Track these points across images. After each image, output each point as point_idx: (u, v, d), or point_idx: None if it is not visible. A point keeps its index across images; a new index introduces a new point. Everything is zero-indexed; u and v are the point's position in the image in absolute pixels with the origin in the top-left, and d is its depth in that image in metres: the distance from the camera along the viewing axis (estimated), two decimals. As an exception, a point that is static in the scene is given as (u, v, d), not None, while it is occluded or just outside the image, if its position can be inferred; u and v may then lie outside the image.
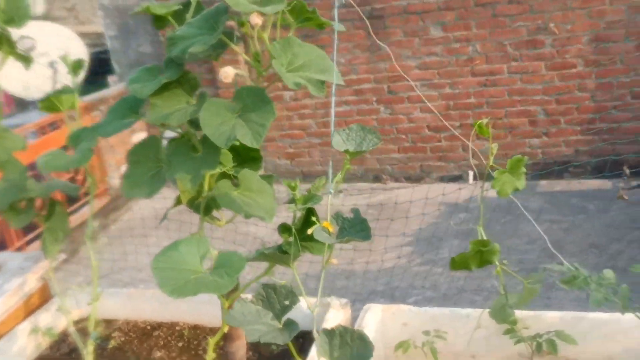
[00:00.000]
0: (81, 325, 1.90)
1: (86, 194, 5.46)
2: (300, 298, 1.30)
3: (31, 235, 4.70)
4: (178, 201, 1.65)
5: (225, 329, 1.41)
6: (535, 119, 5.37)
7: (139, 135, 6.23)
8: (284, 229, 1.35)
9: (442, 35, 5.36)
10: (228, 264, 1.20)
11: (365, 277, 4.35)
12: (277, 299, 1.22)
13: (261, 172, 1.57)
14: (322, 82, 1.33)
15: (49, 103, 1.61)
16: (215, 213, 1.62)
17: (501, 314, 1.55)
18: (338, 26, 1.45)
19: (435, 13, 5.28)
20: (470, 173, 5.64)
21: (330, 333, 1.13)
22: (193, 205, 1.65)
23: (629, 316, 1.48)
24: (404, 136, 5.81)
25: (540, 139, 5.43)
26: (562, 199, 5.04)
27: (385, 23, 5.39)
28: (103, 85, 7.69)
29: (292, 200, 1.30)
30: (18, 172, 1.62)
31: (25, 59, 1.69)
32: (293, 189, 1.28)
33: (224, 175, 1.54)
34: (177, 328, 1.98)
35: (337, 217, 1.26)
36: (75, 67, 1.62)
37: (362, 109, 5.80)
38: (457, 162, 5.74)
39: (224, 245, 4.64)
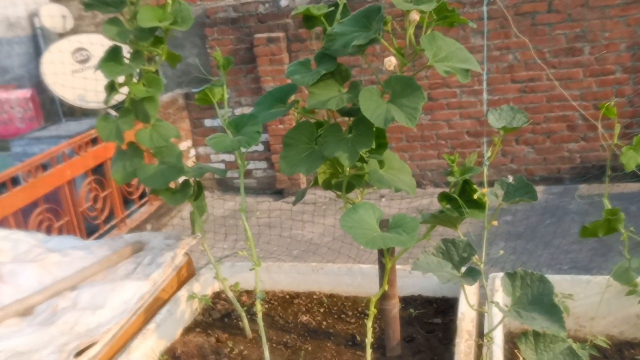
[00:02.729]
0: (224, 296, 2.10)
1: (141, 197, 5.68)
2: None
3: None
4: (315, 182, 1.85)
5: (386, 287, 1.60)
6: (573, 124, 5.56)
7: (185, 144, 6.46)
8: (443, 197, 1.55)
9: (482, 44, 5.56)
10: (403, 225, 1.40)
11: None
12: (455, 252, 1.42)
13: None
14: (467, 70, 1.53)
15: (204, 95, 1.81)
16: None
17: (624, 277, 1.74)
18: (471, 23, 1.65)
19: (475, 22, 5.49)
20: (510, 177, 5.81)
21: (512, 275, 1.32)
22: (328, 185, 1.85)
23: None
24: (443, 142, 6.00)
25: (578, 144, 5.61)
26: (602, 202, 5.21)
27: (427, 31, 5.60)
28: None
29: (450, 173, 1.50)
30: (175, 156, 1.83)
31: (176, 58, 1.90)
32: (452, 161, 1.48)
33: (359, 159, 1.74)
34: (315, 297, 2.16)
35: (502, 182, 1.45)
36: (225, 64, 1.83)
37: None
38: (497, 167, 5.93)
39: (277, 249, 4.85)
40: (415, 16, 1.49)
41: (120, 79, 1.85)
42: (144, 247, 2.05)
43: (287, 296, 2.18)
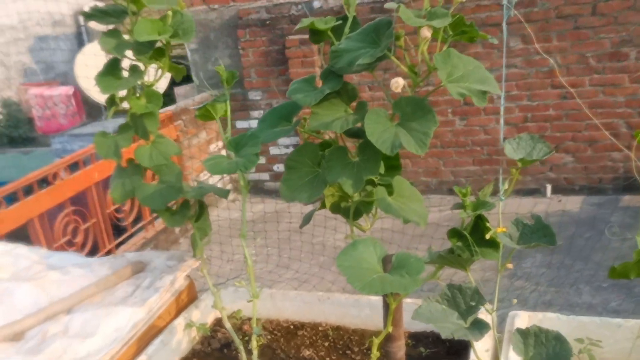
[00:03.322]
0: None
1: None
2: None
3: (119, 239, 4.85)
4: (322, 205, 1.73)
5: (390, 329, 1.48)
6: (617, 132, 5.30)
7: (216, 145, 6.40)
8: (453, 233, 1.41)
9: (521, 47, 5.35)
10: (406, 265, 1.26)
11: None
12: (462, 299, 1.28)
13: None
14: (484, 93, 1.38)
15: (205, 111, 1.71)
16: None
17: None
18: (492, 39, 1.51)
19: (515, 25, 5.27)
20: (549, 186, 5.60)
21: (524, 333, 1.18)
22: (336, 209, 1.73)
23: None
24: (479, 148, 5.80)
25: (622, 153, 5.35)
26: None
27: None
28: (171, 97, 7.92)
29: (461, 206, 1.36)
30: (174, 175, 1.73)
31: (179, 70, 1.81)
32: (464, 195, 1.34)
33: (369, 182, 1.61)
34: (320, 328, 2.03)
35: (517, 222, 1.31)
36: (229, 78, 1.72)
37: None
38: (534, 175, 5.70)
39: (304, 254, 4.73)
40: (426, 33, 1.36)
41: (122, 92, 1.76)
42: (146, 268, 1.96)
43: (292, 326, 2.05)
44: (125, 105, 1.73)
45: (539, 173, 5.64)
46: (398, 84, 1.38)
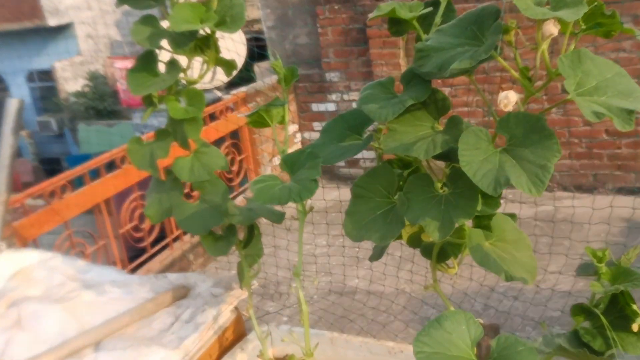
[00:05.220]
0: (278, 369, 1.71)
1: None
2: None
3: (136, 262, 4.60)
4: (398, 235, 1.38)
5: None
6: None
7: (291, 128, 6.13)
8: (577, 309, 1.04)
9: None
10: (513, 357, 0.91)
11: (536, 300, 3.93)
12: None
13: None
14: (630, 112, 0.99)
15: (258, 117, 1.39)
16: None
17: None
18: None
19: (627, 4, 4.66)
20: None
21: None
22: (416, 244, 1.38)
23: None
24: (577, 140, 5.25)
25: None
26: None
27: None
28: (250, 73, 7.68)
29: (594, 273, 0.98)
30: (220, 195, 1.43)
31: (230, 65, 1.49)
32: (600, 260, 0.96)
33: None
34: None
35: None
36: (288, 77, 1.39)
37: (531, 108, 5.30)
38: (638, 173, 5.10)
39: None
40: (552, 29, 0.98)
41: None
42: (189, 294, 1.69)
43: (355, 381, 1.73)
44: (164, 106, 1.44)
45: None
46: (509, 100, 1.00)
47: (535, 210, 4.99)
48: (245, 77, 6.62)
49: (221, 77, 1.58)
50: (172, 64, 1.38)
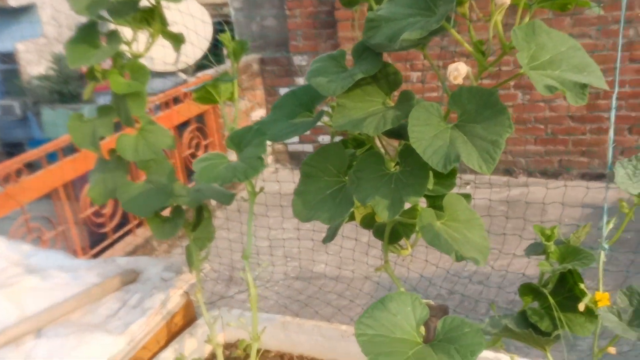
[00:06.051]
0: (229, 352, 1.64)
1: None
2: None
3: (98, 248, 4.46)
4: (351, 217, 1.34)
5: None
6: None
7: (258, 113, 6.05)
8: (525, 289, 1.00)
9: (597, 16, 4.75)
10: (458, 338, 0.87)
11: (503, 284, 3.94)
12: None
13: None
14: (584, 86, 0.95)
15: (205, 93, 1.33)
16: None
17: None
18: (596, 8, 1.07)
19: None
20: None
21: None
22: (368, 225, 1.34)
23: None
24: (542, 126, 5.27)
25: None
26: None
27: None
28: (219, 57, 7.56)
29: (542, 252, 0.95)
30: (165, 174, 1.37)
31: (177, 39, 1.43)
32: (548, 238, 0.93)
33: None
34: None
35: (631, 291, 0.90)
36: (237, 50, 1.33)
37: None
38: (603, 159, 5.15)
39: (346, 232, 4.36)
40: (504, -2, 0.93)
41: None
42: (138, 278, 1.62)
43: (307, 365, 1.68)
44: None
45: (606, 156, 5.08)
46: (459, 72, 0.96)
47: (507, 194, 5.02)
48: (216, 61, 6.51)
49: (186, 59, 1.51)
50: (114, 35, 1.30)
